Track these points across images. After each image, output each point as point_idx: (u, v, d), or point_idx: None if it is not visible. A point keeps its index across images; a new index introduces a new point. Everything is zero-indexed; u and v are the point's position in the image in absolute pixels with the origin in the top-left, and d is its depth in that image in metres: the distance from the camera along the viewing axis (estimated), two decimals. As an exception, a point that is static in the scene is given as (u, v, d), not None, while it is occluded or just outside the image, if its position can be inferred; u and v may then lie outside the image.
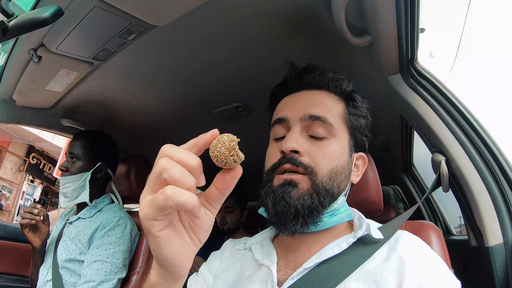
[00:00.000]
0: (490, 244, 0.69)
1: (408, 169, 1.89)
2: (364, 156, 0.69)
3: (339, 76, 0.68)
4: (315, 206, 0.56)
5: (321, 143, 0.60)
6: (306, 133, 0.61)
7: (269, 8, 0.79)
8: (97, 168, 1.19)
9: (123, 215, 1.14)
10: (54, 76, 1.01)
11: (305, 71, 0.68)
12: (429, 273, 0.49)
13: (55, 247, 1.12)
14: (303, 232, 0.57)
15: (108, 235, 1.06)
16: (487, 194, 0.72)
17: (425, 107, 0.87)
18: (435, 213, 1.82)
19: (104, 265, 1.01)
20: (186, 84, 1.15)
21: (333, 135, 0.61)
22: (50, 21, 0.58)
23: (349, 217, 0.61)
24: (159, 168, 0.33)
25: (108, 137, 1.29)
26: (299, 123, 0.61)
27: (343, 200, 0.62)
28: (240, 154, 0.36)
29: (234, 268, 0.66)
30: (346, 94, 0.67)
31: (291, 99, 0.67)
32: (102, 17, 0.74)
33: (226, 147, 0.35)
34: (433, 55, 1.16)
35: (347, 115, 0.65)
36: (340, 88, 0.66)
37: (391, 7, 0.73)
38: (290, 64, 0.72)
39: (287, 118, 0.62)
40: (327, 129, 0.60)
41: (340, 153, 0.60)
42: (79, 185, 1.14)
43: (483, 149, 0.75)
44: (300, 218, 0.55)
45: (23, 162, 7.22)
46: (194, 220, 0.39)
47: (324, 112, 0.61)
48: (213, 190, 0.39)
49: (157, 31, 0.83)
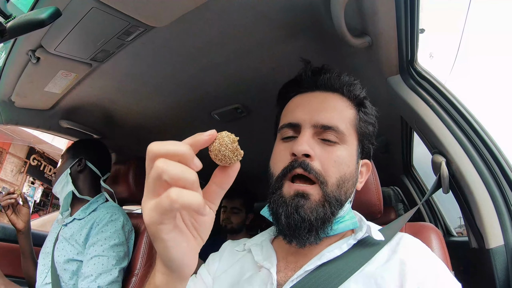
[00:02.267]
0: (491, 246, 0.68)
1: (408, 170, 1.88)
2: (368, 163, 0.68)
3: (353, 81, 0.66)
4: (328, 217, 0.55)
5: (331, 148, 0.59)
6: (317, 136, 0.60)
7: (269, 10, 0.78)
8: (76, 162, 1.22)
9: (116, 210, 1.15)
10: (52, 78, 1.01)
11: (320, 71, 0.66)
12: (430, 275, 0.49)
13: (53, 249, 1.12)
14: (316, 243, 0.57)
15: (102, 231, 1.06)
16: (487, 196, 0.71)
17: (425, 108, 0.86)
18: (436, 214, 1.81)
19: (100, 259, 1.01)
20: (185, 86, 1.14)
21: (344, 142, 0.60)
22: (48, 22, 0.58)
23: (354, 225, 0.61)
24: (158, 171, 0.32)
25: (94, 140, 1.33)
26: (311, 128, 0.60)
27: (348, 207, 0.62)
28: (241, 152, 0.36)
29: (233, 269, 0.65)
30: (359, 100, 0.66)
31: (304, 100, 0.65)
32: (100, 18, 0.74)
33: (230, 150, 0.35)
34: (433, 55, 1.16)
35: (358, 121, 0.64)
36: (354, 93, 0.65)
37: (390, 8, 0.73)
38: (306, 62, 0.70)
39: (299, 124, 0.61)
40: (338, 137, 0.60)
41: (349, 160, 0.60)
42: (63, 182, 1.19)
43: (484, 150, 0.75)
44: (314, 231, 0.55)
45: (23, 164, 7.22)
46: (197, 218, 0.39)
47: (336, 120, 0.60)
48: (212, 187, 0.39)
49: (155, 32, 0.83)
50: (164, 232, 0.34)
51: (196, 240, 0.39)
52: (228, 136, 0.36)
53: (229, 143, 0.35)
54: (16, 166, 7.06)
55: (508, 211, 0.69)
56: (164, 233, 0.34)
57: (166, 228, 0.34)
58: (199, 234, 0.39)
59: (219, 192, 0.39)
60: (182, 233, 0.37)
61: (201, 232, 0.39)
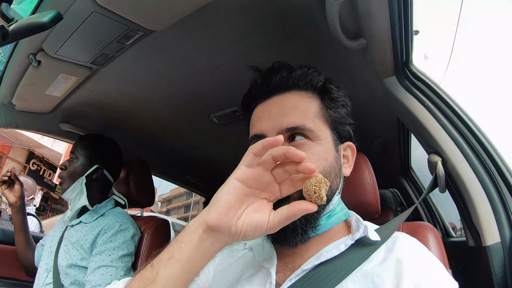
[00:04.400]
0: (488, 243, 0.69)
1: (406, 172, 1.89)
2: (351, 145, 0.66)
3: (308, 70, 0.63)
4: (310, 214, 0.54)
5: (303, 148, 0.57)
6: (287, 141, 0.58)
7: (265, 13, 0.80)
8: (93, 171, 1.18)
9: (125, 219, 1.13)
10: (53, 81, 1.02)
11: (271, 72, 0.64)
12: (427, 274, 0.49)
13: (57, 250, 1.11)
14: (304, 242, 0.56)
15: (111, 240, 1.05)
16: (483, 193, 0.72)
17: (421, 108, 0.87)
18: (434, 215, 1.82)
19: (109, 269, 1.00)
20: (184, 89, 1.16)
21: (315, 137, 0.58)
22: (49, 26, 0.59)
23: (346, 215, 0.60)
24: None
25: (111, 141, 1.29)
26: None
27: (337, 199, 0.61)
28: (323, 198, 0.42)
29: (233, 268, 0.65)
30: (319, 88, 0.63)
31: (264, 109, 0.63)
32: (100, 22, 0.75)
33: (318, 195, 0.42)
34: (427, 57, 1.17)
35: (325, 110, 0.62)
36: (312, 83, 0.62)
37: (384, 9, 0.74)
38: (254, 69, 0.67)
39: (265, 134, 0.60)
40: (307, 134, 0.58)
41: (325, 153, 0.58)
42: (77, 191, 1.15)
43: (479, 148, 0.76)
44: (299, 229, 0.54)
45: (23, 168, 7.22)
46: (255, 211, 0.45)
47: (300, 119, 0.58)
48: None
49: (154, 36, 0.84)
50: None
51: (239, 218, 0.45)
52: (325, 185, 0.42)
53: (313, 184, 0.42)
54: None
55: (504, 208, 0.69)
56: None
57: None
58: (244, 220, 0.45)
59: (285, 221, 0.44)
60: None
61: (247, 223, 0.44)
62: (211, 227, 0.44)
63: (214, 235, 0.45)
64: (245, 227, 0.44)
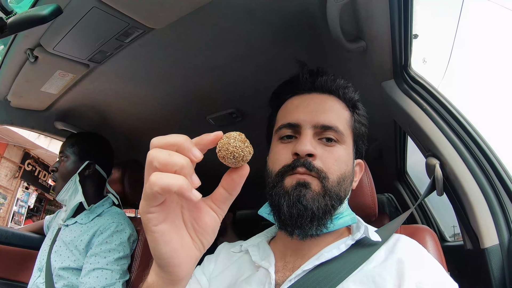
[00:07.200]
0: (486, 245, 0.69)
1: (402, 177, 1.89)
2: (361, 163, 0.70)
3: (347, 83, 0.69)
4: (328, 209, 0.56)
5: (331, 148, 0.61)
6: (317, 136, 0.61)
7: (265, 14, 0.80)
8: (85, 167, 1.16)
9: (122, 220, 1.11)
10: (49, 78, 1.00)
11: (317, 73, 0.68)
12: (428, 274, 0.49)
13: (50, 250, 1.09)
14: (317, 235, 0.58)
15: (107, 242, 1.03)
16: (481, 196, 0.72)
17: (419, 112, 0.88)
18: (429, 219, 1.82)
19: (104, 272, 0.98)
20: (181, 89, 1.15)
21: (342, 142, 0.62)
22: (49, 19, 0.59)
23: (352, 220, 0.62)
24: (149, 159, 0.32)
25: (98, 136, 1.27)
26: (311, 129, 0.61)
27: (346, 204, 0.64)
28: (250, 151, 0.35)
29: (230, 270, 0.65)
30: (353, 102, 0.68)
31: (302, 101, 0.66)
32: (100, 18, 0.75)
33: (240, 140, 0.35)
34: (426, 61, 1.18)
35: (353, 122, 0.67)
36: (349, 95, 0.68)
37: (385, 13, 0.75)
38: (302, 64, 0.72)
39: (300, 124, 0.62)
40: (337, 137, 0.61)
41: (347, 159, 0.62)
42: (71, 189, 1.13)
43: (477, 151, 0.76)
44: (316, 220, 0.56)
45: (18, 169, 7.11)
46: (197, 219, 0.38)
47: (335, 121, 0.62)
48: (220, 190, 0.38)
49: (153, 34, 0.84)
50: (153, 222, 0.34)
51: (194, 243, 0.37)
52: (234, 132, 0.35)
53: (237, 134, 0.35)
54: (11, 171, 6.95)
55: (502, 210, 0.69)
56: (153, 223, 0.34)
57: (154, 219, 0.33)
58: (199, 238, 0.38)
59: (227, 198, 0.38)
60: (176, 230, 0.36)
61: (201, 235, 0.38)
62: (181, 280, 0.39)
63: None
64: (203, 237, 0.39)
